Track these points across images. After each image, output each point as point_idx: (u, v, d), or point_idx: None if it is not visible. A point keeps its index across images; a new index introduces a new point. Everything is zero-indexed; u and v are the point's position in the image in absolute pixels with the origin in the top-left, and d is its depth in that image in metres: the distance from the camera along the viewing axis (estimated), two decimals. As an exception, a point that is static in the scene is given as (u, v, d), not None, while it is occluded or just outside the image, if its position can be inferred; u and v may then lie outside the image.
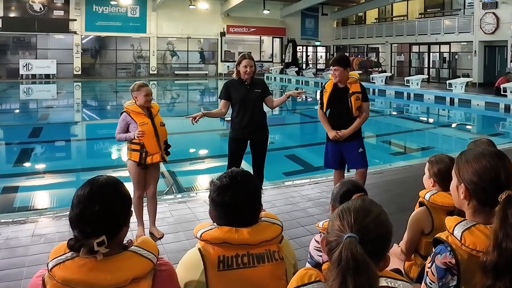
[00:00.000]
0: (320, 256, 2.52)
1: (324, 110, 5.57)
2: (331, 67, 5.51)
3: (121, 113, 4.89)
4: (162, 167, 5.46)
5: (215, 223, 2.05)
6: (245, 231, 1.95)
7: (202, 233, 1.97)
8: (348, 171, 5.84)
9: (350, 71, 5.50)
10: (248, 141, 5.57)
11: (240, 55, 5.63)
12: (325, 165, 5.85)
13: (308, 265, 2.48)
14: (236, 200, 2.00)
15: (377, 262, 1.46)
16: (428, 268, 1.82)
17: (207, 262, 1.91)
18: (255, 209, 2.07)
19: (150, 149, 4.80)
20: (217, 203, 2.02)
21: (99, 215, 1.71)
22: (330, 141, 5.61)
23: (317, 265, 1.60)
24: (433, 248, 1.86)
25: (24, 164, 10.14)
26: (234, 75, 5.56)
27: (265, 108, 5.60)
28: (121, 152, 10.30)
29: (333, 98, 5.48)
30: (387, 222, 1.54)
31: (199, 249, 1.95)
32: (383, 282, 1.45)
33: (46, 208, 6.85)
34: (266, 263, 1.94)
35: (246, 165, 5.62)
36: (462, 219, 1.87)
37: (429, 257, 1.85)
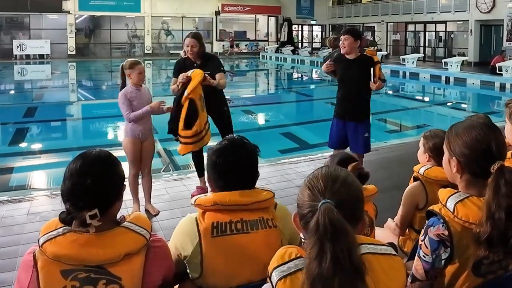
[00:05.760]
0: None
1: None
2: (341, 37, 5.31)
3: (120, 90, 4.77)
4: (158, 145, 5.44)
5: (211, 192, 2.08)
6: (237, 193, 1.98)
7: (196, 199, 2.01)
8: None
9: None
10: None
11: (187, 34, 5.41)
12: (328, 143, 5.71)
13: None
14: (236, 160, 2.05)
15: (355, 225, 1.43)
16: (421, 241, 1.81)
17: (201, 228, 1.92)
18: (253, 172, 2.11)
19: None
20: (216, 164, 2.05)
21: (91, 188, 1.69)
22: (336, 117, 5.52)
23: None
24: (426, 220, 1.85)
25: (20, 144, 10.11)
26: (182, 53, 5.35)
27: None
28: (117, 131, 10.28)
29: (339, 68, 5.38)
30: (356, 182, 1.52)
31: (196, 218, 1.97)
32: (364, 249, 1.43)
33: (41, 187, 6.85)
34: (259, 230, 1.96)
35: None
36: (455, 191, 1.86)
37: (422, 230, 1.84)
